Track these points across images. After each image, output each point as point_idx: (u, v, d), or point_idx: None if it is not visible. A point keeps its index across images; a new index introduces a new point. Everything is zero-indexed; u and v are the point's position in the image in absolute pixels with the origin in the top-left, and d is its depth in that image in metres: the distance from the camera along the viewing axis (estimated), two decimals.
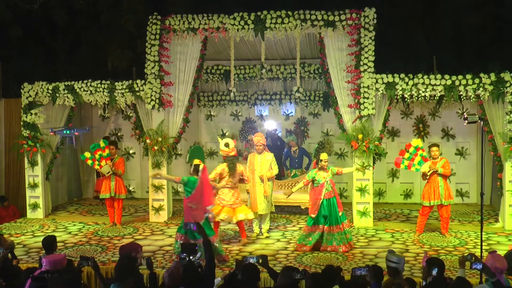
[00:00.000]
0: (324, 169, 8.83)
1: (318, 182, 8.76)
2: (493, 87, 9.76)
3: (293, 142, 11.96)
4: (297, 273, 5.16)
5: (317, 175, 8.78)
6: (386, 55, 11.35)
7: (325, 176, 8.78)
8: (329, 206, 8.73)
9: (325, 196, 8.72)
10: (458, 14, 15.10)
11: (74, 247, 9.22)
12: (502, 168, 10.07)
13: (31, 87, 11.32)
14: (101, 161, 10.30)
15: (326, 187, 8.73)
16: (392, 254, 5.74)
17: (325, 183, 8.73)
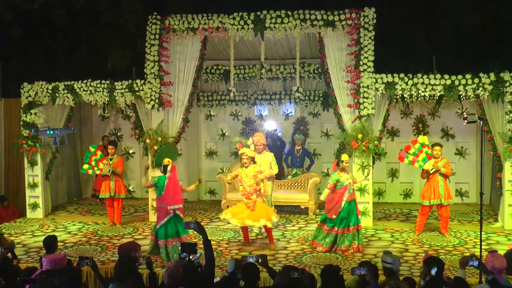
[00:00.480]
0: (345, 171, 8.67)
1: (341, 184, 8.59)
2: (493, 87, 9.77)
3: (299, 141, 11.96)
4: (294, 271, 5.17)
5: (340, 177, 8.61)
6: (386, 55, 11.35)
7: (348, 177, 8.64)
8: (349, 208, 8.59)
9: (347, 198, 8.58)
10: (458, 14, 15.11)
11: (73, 247, 9.22)
12: (501, 168, 10.08)
13: (31, 87, 11.32)
14: (98, 165, 10.33)
15: (349, 189, 8.59)
16: (387, 255, 5.75)
17: (348, 185, 8.58)
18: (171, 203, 8.16)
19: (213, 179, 12.77)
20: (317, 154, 12.85)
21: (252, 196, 8.85)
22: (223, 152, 13.31)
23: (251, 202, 8.80)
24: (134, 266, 5.40)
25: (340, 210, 8.58)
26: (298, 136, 12.04)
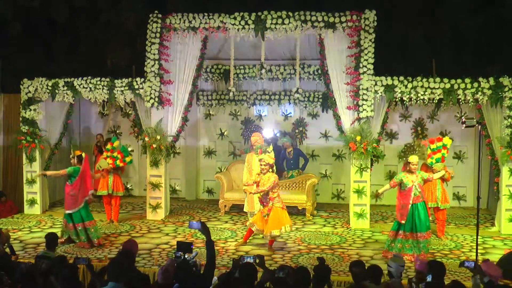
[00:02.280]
0: (412, 172, 8.39)
1: (405, 185, 8.30)
2: (492, 91, 9.79)
3: (288, 144, 11.93)
4: (279, 271, 5.18)
5: (405, 178, 8.36)
6: (386, 58, 11.36)
7: (413, 179, 8.32)
8: (415, 211, 8.29)
9: (413, 201, 8.31)
10: (457, 17, 15.10)
11: (71, 244, 9.22)
12: (499, 173, 10.10)
13: (31, 83, 11.32)
14: (110, 158, 10.33)
15: (414, 191, 8.29)
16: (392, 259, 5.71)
17: (412, 187, 8.30)
18: (88, 188, 8.99)
19: (211, 179, 12.78)
20: (315, 155, 12.85)
21: (268, 205, 8.73)
22: (222, 151, 13.31)
23: (266, 210, 8.72)
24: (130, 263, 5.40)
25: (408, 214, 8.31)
26: (284, 140, 12.01)
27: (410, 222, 8.28)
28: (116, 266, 4.93)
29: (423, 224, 8.25)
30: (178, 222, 10.74)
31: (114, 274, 4.82)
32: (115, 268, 4.91)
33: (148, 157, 11.01)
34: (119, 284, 4.79)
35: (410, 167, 8.36)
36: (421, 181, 8.40)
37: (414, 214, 8.29)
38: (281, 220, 8.71)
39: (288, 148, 11.87)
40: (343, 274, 7.69)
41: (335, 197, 12.82)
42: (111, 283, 4.77)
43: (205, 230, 5.37)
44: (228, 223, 10.70)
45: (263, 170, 8.80)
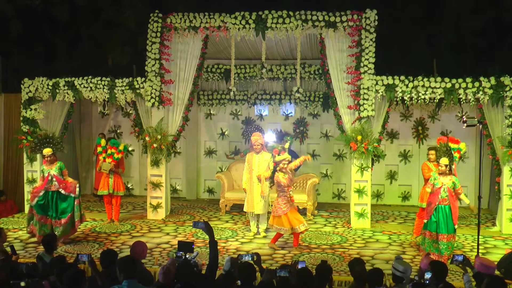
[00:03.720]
0: (445, 174, 8.28)
1: (435, 186, 8.29)
2: (493, 91, 9.77)
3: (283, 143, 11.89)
4: (280, 270, 5.17)
5: (437, 178, 8.34)
6: (387, 57, 11.34)
7: (445, 182, 8.24)
8: (440, 212, 8.24)
9: (440, 202, 8.26)
10: (458, 18, 15.09)
11: (71, 243, 9.22)
12: (500, 172, 10.09)
13: (31, 82, 11.31)
14: (108, 157, 10.29)
15: (441, 193, 8.22)
16: (398, 262, 5.63)
17: (441, 188, 8.26)
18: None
19: (212, 178, 12.79)
20: (316, 155, 12.85)
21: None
22: (223, 151, 13.31)
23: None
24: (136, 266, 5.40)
25: (432, 214, 8.30)
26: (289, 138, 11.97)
27: (434, 222, 8.26)
28: (128, 264, 4.93)
29: (445, 226, 8.18)
30: (178, 222, 10.74)
31: (128, 272, 4.81)
32: (128, 265, 4.90)
33: (149, 156, 11.01)
34: (134, 281, 4.79)
35: (440, 169, 8.34)
36: (452, 186, 8.28)
37: (439, 215, 8.26)
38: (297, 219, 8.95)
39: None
40: (344, 274, 7.68)
41: (336, 196, 12.82)
42: (126, 281, 4.76)
43: (208, 230, 5.37)
44: (228, 223, 10.70)
45: (282, 169, 8.93)
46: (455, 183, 8.31)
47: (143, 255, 6.21)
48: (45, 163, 9.32)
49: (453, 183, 8.29)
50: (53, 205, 9.07)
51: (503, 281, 4.84)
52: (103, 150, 10.40)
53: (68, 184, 9.13)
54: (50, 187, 9.09)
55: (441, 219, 8.21)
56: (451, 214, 8.24)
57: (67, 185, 9.12)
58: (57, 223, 9.02)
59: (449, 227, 8.19)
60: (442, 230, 8.18)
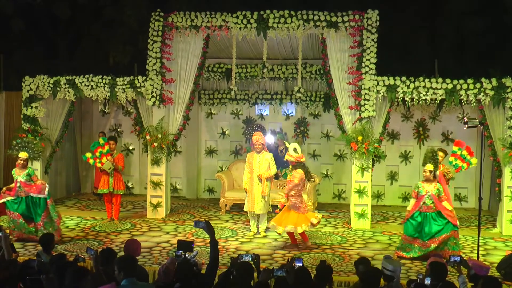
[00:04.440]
0: (429, 181, 8.34)
1: (419, 193, 8.36)
2: (494, 92, 9.76)
3: (281, 141, 11.91)
4: (277, 270, 5.16)
5: (421, 186, 8.36)
6: (388, 58, 11.34)
7: (429, 189, 8.28)
8: (425, 220, 8.29)
9: (423, 209, 8.30)
10: (460, 19, 15.10)
11: (71, 242, 9.22)
12: (501, 174, 10.08)
13: (32, 80, 11.31)
14: (101, 158, 10.31)
15: (425, 201, 8.28)
16: (387, 261, 5.65)
17: (425, 196, 8.30)
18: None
19: (212, 178, 12.78)
20: (316, 155, 12.84)
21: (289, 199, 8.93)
22: (223, 150, 13.30)
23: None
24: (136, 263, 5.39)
25: (408, 218, 8.39)
26: (279, 136, 12.01)
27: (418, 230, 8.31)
28: (128, 262, 4.92)
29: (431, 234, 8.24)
30: (178, 221, 10.73)
31: (128, 271, 4.80)
32: (128, 264, 4.89)
33: (149, 155, 11.00)
34: (133, 279, 4.78)
35: (425, 175, 8.39)
36: (436, 193, 8.30)
37: (424, 223, 8.31)
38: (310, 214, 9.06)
39: (281, 146, 11.85)
40: (344, 274, 7.67)
41: (336, 197, 12.81)
42: (126, 280, 4.76)
43: (209, 230, 5.37)
44: (228, 222, 10.70)
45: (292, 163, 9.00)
46: (440, 190, 8.34)
47: (138, 253, 6.19)
48: (17, 167, 9.32)
49: (438, 190, 8.33)
50: (31, 208, 9.13)
51: (498, 282, 4.85)
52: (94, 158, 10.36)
53: (37, 186, 9.16)
54: (20, 193, 9.13)
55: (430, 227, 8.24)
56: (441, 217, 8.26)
57: (37, 187, 9.15)
58: (38, 225, 9.05)
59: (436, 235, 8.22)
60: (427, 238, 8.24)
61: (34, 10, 15.82)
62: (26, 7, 15.49)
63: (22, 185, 9.13)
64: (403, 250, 8.49)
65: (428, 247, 8.26)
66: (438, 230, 8.24)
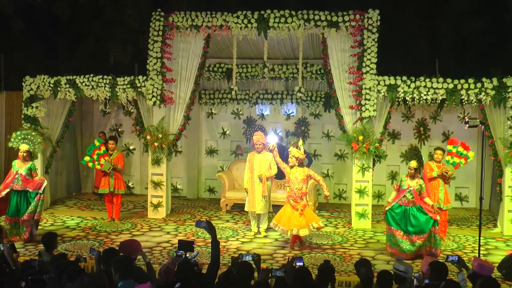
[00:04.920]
0: (413, 177, 8.41)
1: (401, 187, 8.44)
2: (495, 92, 9.75)
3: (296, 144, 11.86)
4: (276, 270, 5.15)
5: (404, 180, 8.47)
6: (389, 57, 11.33)
7: (411, 184, 8.37)
8: (403, 214, 8.36)
9: (403, 202, 8.40)
10: (461, 18, 15.09)
11: (71, 241, 9.22)
12: (502, 173, 10.07)
13: (33, 80, 11.31)
14: (99, 159, 10.31)
15: (406, 195, 8.36)
16: (399, 262, 5.62)
17: (407, 190, 8.36)
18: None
19: (213, 178, 12.77)
20: (317, 155, 12.83)
21: (301, 200, 8.84)
22: (224, 150, 13.30)
23: (300, 206, 8.80)
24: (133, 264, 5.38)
25: (389, 208, 8.46)
26: (291, 137, 11.96)
27: (404, 224, 8.36)
28: (124, 264, 4.90)
29: (418, 227, 8.27)
30: (179, 221, 10.73)
31: (124, 272, 4.79)
32: (124, 265, 4.87)
33: (150, 155, 11.00)
34: (130, 281, 4.77)
35: (409, 171, 8.48)
36: (418, 189, 8.38)
37: (406, 217, 8.36)
38: (315, 217, 9.07)
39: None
40: (344, 274, 7.66)
41: (337, 197, 12.80)
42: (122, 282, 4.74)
43: (211, 230, 5.37)
44: (229, 222, 10.69)
45: (289, 163, 9.00)
46: (422, 186, 8.42)
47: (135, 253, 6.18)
48: (19, 159, 9.34)
49: (420, 186, 8.40)
50: (20, 205, 9.13)
51: (497, 283, 4.85)
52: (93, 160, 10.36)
53: (35, 182, 9.17)
54: (14, 185, 9.13)
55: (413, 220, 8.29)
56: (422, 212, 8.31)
57: (35, 183, 9.17)
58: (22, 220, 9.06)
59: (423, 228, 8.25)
60: (414, 233, 8.29)
61: (34, 10, 15.81)
62: (26, 7, 15.49)
63: (21, 178, 9.13)
64: (390, 243, 8.51)
65: (414, 242, 8.31)
66: (422, 224, 8.27)
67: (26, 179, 9.14)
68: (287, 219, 8.81)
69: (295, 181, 8.86)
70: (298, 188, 8.83)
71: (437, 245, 8.34)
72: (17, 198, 9.13)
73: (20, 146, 9.56)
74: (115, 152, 10.57)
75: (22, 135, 9.76)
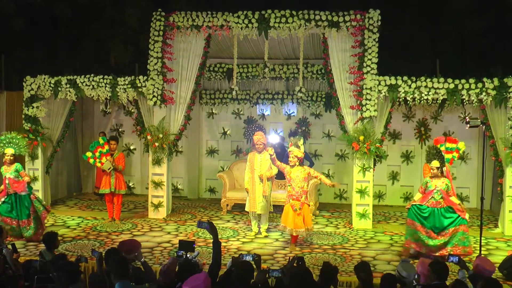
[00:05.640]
0: (437, 177, 8.37)
1: (428, 188, 8.37)
2: (496, 92, 9.75)
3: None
4: (273, 271, 5.13)
5: (429, 181, 8.39)
6: (390, 57, 11.31)
7: (438, 184, 8.30)
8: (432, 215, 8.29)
9: (431, 204, 8.32)
10: (461, 18, 15.07)
11: (72, 242, 9.22)
12: (503, 174, 10.06)
13: (33, 80, 11.31)
14: (101, 158, 10.30)
15: (434, 196, 8.29)
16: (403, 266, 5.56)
17: (434, 190, 8.30)
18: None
19: (214, 177, 12.76)
20: (318, 155, 12.82)
21: (301, 198, 8.83)
22: (224, 150, 13.29)
23: (298, 204, 8.78)
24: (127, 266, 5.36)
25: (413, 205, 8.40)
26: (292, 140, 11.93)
27: (431, 223, 8.29)
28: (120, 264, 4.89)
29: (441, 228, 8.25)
30: (180, 221, 10.72)
31: (119, 273, 4.78)
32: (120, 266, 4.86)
33: (151, 155, 10.99)
34: (127, 282, 4.76)
35: (432, 172, 8.40)
36: (445, 188, 8.31)
37: (435, 218, 8.29)
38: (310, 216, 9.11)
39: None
40: (345, 274, 7.66)
41: (338, 197, 12.80)
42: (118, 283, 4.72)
43: (213, 230, 5.36)
44: (230, 222, 10.69)
45: (290, 162, 8.98)
46: (448, 185, 8.35)
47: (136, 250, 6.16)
48: (5, 164, 9.35)
49: (446, 185, 8.33)
50: (16, 206, 9.13)
51: (498, 283, 4.84)
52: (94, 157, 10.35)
53: (20, 184, 9.18)
54: (9, 190, 9.18)
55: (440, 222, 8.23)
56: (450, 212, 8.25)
57: (19, 185, 9.18)
58: (24, 223, 9.08)
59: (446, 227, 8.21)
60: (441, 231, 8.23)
61: (35, 10, 15.80)
62: (26, 6, 15.47)
63: (10, 182, 9.16)
64: (412, 238, 8.41)
65: (438, 239, 8.23)
66: (449, 223, 8.23)
67: (15, 181, 9.17)
68: (291, 220, 8.79)
69: (297, 179, 8.86)
70: (300, 186, 8.83)
71: (466, 243, 8.26)
72: (13, 200, 9.15)
73: (6, 150, 9.50)
74: (116, 152, 10.57)
75: (7, 139, 9.73)
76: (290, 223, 8.79)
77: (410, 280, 5.46)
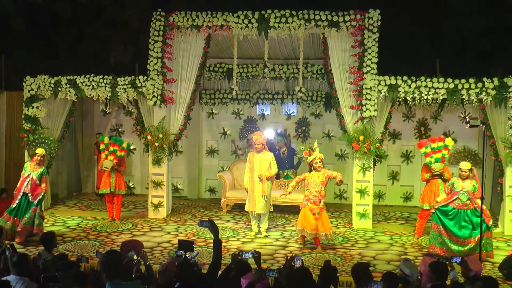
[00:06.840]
0: (466, 179, 8.31)
1: (454, 189, 8.31)
2: (496, 91, 9.75)
3: (281, 143, 11.87)
4: (269, 271, 5.12)
5: (457, 182, 8.33)
6: (389, 57, 11.32)
7: (464, 185, 8.25)
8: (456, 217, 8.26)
9: (457, 205, 8.27)
10: (461, 18, 15.08)
11: (72, 242, 9.22)
12: (502, 173, 10.06)
13: (33, 80, 11.31)
14: (110, 155, 10.30)
15: (460, 197, 8.23)
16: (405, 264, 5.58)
17: (460, 192, 8.25)
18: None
19: (213, 177, 12.77)
20: None
21: (319, 203, 8.82)
22: (224, 150, 13.29)
23: (317, 209, 8.77)
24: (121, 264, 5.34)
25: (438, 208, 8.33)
26: (278, 139, 11.97)
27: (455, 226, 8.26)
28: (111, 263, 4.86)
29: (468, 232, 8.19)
30: (180, 221, 10.72)
31: (110, 272, 4.75)
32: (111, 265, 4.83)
33: (150, 155, 10.99)
34: (118, 282, 4.74)
35: (461, 174, 8.36)
36: (472, 189, 8.27)
37: (460, 220, 8.26)
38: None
39: (282, 148, 11.83)
40: (345, 274, 7.65)
41: (338, 197, 12.79)
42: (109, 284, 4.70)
43: (213, 229, 5.36)
44: (230, 222, 10.69)
45: (318, 168, 8.95)
46: (475, 186, 8.29)
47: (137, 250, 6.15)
48: (32, 162, 9.34)
49: (474, 187, 8.28)
50: (21, 207, 9.17)
51: (497, 283, 4.84)
52: (105, 148, 10.39)
53: (36, 191, 9.19)
54: (25, 188, 9.18)
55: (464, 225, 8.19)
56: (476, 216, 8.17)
57: (35, 193, 9.19)
58: (17, 222, 9.09)
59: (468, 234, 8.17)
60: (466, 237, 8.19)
61: (35, 10, 15.81)
62: (26, 6, 15.48)
63: (32, 183, 9.16)
64: (436, 242, 8.39)
65: (465, 245, 8.20)
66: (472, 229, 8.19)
67: (34, 185, 9.18)
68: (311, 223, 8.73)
69: (313, 184, 8.85)
70: (317, 190, 8.83)
71: (489, 248, 8.25)
72: (23, 200, 9.17)
73: (37, 150, 9.52)
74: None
75: (41, 139, 9.71)
76: (310, 225, 8.73)
77: (413, 278, 5.45)
